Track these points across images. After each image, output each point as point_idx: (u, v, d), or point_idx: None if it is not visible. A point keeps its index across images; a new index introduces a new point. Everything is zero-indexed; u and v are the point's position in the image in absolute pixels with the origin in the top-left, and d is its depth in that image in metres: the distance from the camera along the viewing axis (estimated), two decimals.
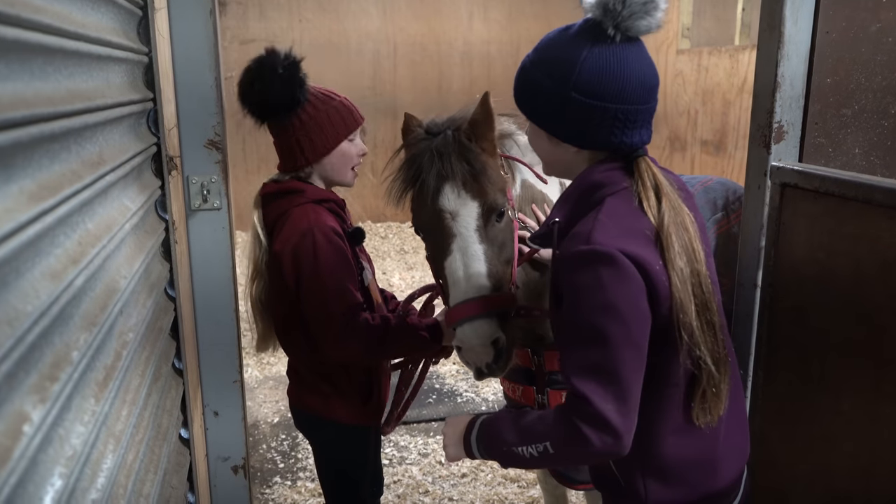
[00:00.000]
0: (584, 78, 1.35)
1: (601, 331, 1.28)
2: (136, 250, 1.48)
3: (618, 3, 1.33)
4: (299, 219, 1.89)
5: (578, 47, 1.36)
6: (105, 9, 1.36)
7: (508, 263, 1.78)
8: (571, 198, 1.46)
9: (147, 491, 1.35)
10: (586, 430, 1.28)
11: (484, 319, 1.65)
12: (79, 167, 1.07)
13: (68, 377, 0.91)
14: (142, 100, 1.60)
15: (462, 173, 1.71)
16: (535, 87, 1.42)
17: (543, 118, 1.44)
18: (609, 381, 1.28)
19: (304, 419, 2.18)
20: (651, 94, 1.42)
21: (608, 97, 1.36)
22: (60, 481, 0.85)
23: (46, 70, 0.97)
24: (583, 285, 1.31)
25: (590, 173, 1.43)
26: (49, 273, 0.90)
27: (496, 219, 1.74)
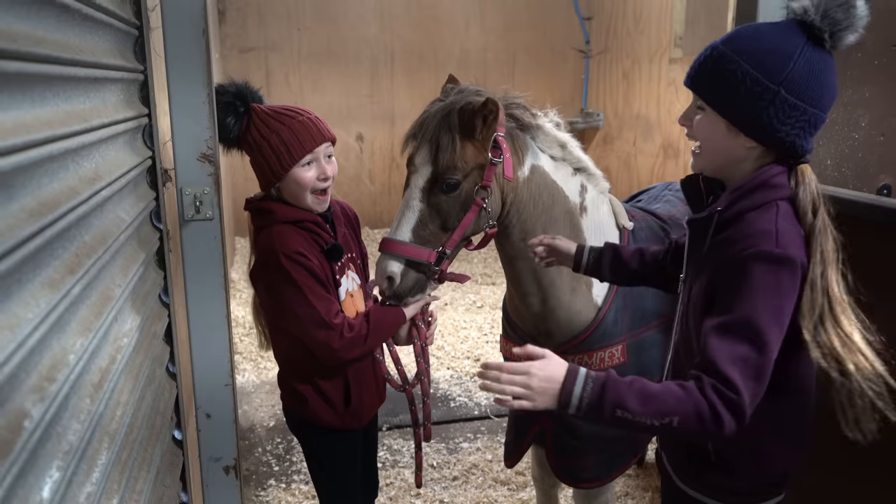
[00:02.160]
0: (796, 75, 1.37)
1: (765, 333, 1.33)
2: (131, 260, 1.56)
3: (840, 12, 1.36)
4: (263, 243, 1.96)
5: (793, 44, 1.38)
6: (102, 32, 1.44)
7: (445, 230, 2.04)
8: (742, 190, 1.46)
9: (140, 487, 1.43)
10: (724, 415, 1.30)
11: (389, 258, 2.01)
12: (76, 184, 1.15)
13: (65, 378, 0.99)
14: (137, 116, 1.68)
15: (432, 139, 2.01)
16: (733, 75, 1.40)
17: (734, 108, 1.43)
18: (755, 377, 1.33)
19: (294, 421, 2.24)
20: (833, 103, 1.46)
21: (810, 99, 1.38)
22: (58, 473, 0.93)
23: (45, 96, 1.05)
24: (761, 285, 1.34)
25: (766, 173, 1.44)
26: (48, 282, 0.98)
27: (443, 189, 2.00)
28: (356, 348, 1.98)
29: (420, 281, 2.06)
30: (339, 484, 2.26)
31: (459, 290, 6.34)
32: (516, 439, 2.41)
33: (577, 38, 8.12)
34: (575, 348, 2.20)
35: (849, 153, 2.37)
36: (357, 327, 1.99)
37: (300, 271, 1.93)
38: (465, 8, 7.96)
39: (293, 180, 1.97)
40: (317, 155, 1.99)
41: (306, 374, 2.09)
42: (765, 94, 1.38)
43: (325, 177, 2.01)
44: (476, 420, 4.21)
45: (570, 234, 2.16)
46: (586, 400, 1.35)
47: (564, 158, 2.20)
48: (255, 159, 2.00)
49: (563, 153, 2.19)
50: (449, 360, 4.97)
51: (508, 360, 2.39)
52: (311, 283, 1.94)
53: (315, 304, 1.92)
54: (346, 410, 2.14)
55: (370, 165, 7.85)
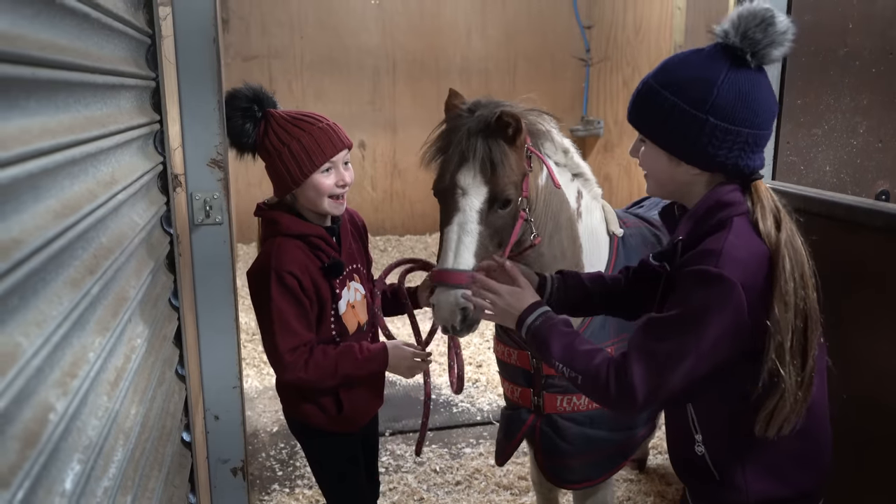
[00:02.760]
0: (722, 101, 1.38)
1: (682, 342, 1.37)
2: (143, 263, 1.59)
3: (758, 31, 1.37)
4: (263, 255, 1.99)
5: (715, 71, 1.39)
6: (118, 40, 1.48)
7: (500, 247, 1.96)
8: (696, 216, 1.48)
9: (152, 486, 1.46)
10: (613, 389, 1.41)
11: (457, 290, 1.83)
12: (95, 187, 1.19)
13: (85, 375, 1.02)
14: (149, 122, 1.72)
15: (482, 157, 1.89)
16: (663, 108, 1.43)
17: (669, 140, 1.46)
18: (656, 374, 1.39)
19: (294, 426, 2.28)
20: (773, 120, 1.47)
21: (742, 121, 1.39)
22: (79, 466, 0.96)
23: (68, 102, 1.09)
24: (693, 299, 1.37)
25: (716, 194, 1.45)
26: (70, 282, 1.01)
27: (500, 206, 1.92)
28: (307, 382, 2.03)
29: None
30: (343, 485, 2.28)
31: None
32: (506, 438, 2.43)
33: (577, 46, 8.18)
34: None
35: (847, 159, 2.40)
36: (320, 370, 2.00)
37: (283, 293, 1.95)
38: (467, 17, 8.02)
39: (312, 186, 1.99)
40: (336, 162, 2.01)
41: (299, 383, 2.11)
42: (694, 123, 1.40)
43: (343, 183, 2.03)
44: (478, 425, 4.23)
45: (569, 241, 2.19)
46: (532, 330, 1.57)
47: (566, 164, 2.23)
48: (272, 165, 2.01)
49: (565, 159, 2.22)
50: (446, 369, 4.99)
51: (502, 363, 2.43)
52: (287, 311, 1.96)
53: (277, 335, 1.95)
54: (339, 416, 2.16)
55: (372, 172, 7.89)
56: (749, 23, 1.38)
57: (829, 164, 2.39)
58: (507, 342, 2.36)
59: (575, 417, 2.26)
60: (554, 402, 2.26)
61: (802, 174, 2.35)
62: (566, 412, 2.26)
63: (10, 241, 0.78)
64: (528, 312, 1.60)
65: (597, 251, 2.27)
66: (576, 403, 2.26)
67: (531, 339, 1.58)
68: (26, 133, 0.86)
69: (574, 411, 2.26)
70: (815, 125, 2.33)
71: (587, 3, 8.14)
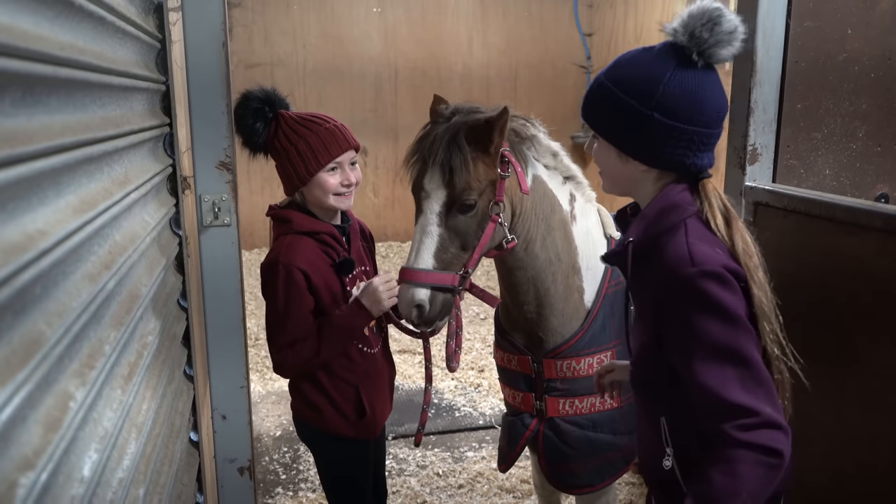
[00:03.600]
0: (667, 99, 1.39)
1: (735, 345, 1.30)
2: (155, 262, 1.62)
3: (705, 31, 1.37)
4: (275, 250, 2.02)
5: (662, 68, 1.40)
6: (130, 44, 1.51)
7: (465, 250, 2.02)
8: (647, 218, 1.48)
9: (163, 481, 1.48)
10: (770, 442, 1.26)
11: (415, 287, 1.96)
12: (110, 185, 1.22)
13: (102, 367, 1.05)
14: (159, 125, 1.75)
15: (441, 162, 1.97)
16: (612, 105, 1.45)
17: (618, 135, 1.47)
18: (756, 385, 1.29)
19: (305, 431, 2.27)
20: (722, 119, 1.47)
21: (687, 119, 1.40)
22: (96, 455, 0.98)
23: (85, 102, 1.12)
24: (702, 307, 1.32)
25: (665, 196, 1.46)
26: (87, 276, 1.03)
27: (458, 210, 1.98)
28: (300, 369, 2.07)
29: (447, 303, 2.06)
30: (353, 493, 2.29)
31: (463, 302, 6.38)
32: (509, 444, 2.43)
33: (578, 53, 8.23)
34: (563, 354, 2.22)
35: (847, 163, 2.43)
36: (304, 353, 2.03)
37: (290, 288, 1.98)
38: (468, 25, 8.08)
39: (317, 184, 2.05)
40: (341, 162, 2.08)
41: (322, 385, 2.14)
42: (640, 119, 1.41)
43: (347, 183, 2.10)
44: (481, 430, 4.24)
45: (564, 243, 2.20)
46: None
47: (556, 167, 2.24)
48: (281, 164, 2.06)
49: (554, 162, 2.23)
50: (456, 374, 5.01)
51: (503, 369, 2.43)
52: (291, 305, 1.99)
53: (276, 328, 2.00)
54: (360, 421, 2.19)
55: (374, 179, 7.93)
56: (695, 21, 1.39)
57: (829, 168, 2.42)
58: (507, 348, 2.37)
59: (578, 421, 2.27)
60: (556, 406, 2.27)
61: (802, 177, 2.37)
62: (569, 415, 2.27)
63: (36, 232, 0.81)
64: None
65: (594, 253, 2.28)
66: (578, 406, 2.27)
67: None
68: (49, 129, 0.89)
69: (577, 414, 2.26)
70: (814, 129, 2.36)
71: (588, 11, 8.20)
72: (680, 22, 1.41)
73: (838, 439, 1.86)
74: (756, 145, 2.27)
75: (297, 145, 2.02)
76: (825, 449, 1.90)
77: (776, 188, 2.10)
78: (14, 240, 0.75)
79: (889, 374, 1.69)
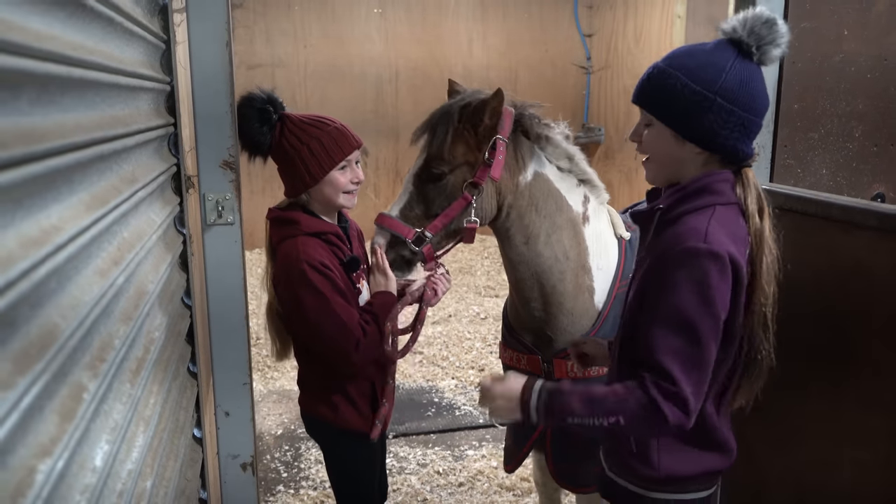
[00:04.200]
0: (729, 85, 1.50)
1: (697, 324, 1.43)
2: (160, 260, 1.64)
3: (764, 28, 1.51)
4: (286, 255, 2.03)
5: (724, 58, 1.52)
6: (136, 44, 1.54)
7: (428, 217, 2.17)
8: (684, 192, 1.58)
9: (168, 475, 1.50)
10: (665, 407, 1.42)
11: (378, 231, 2.19)
12: (119, 183, 1.24)
13: (112, 360, 1.07)
14: (164, 124, 1.77)
15: (432, 128, 2.16)
16: (674, 90, 1.54)
17: (678, 118, 1.56)
18: (693, 366, 1.43)
19: (316, 426, 2.30)
20: (766, 111, 1.59)
21: (744, 106, 1.52)
22: (107, 446, 1.01)
23: (95, 101, 1.14)
24: (689, 277, 1.45)
25: (708, 177, 1.56)
26: (98, 271, 1.06)
27: (430, 177, 2.15)
28: (372, 350, 2.05)
29: (401, 257, 2.20)
30: (360, 487, 2.32)
31: (463, 301, 6.42)
32: (515, 444, 2.46)
33: (578, 54, 8.27)
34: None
35: (843, 163, 2.45)
36: (371, 331, 2.05)
37: (324, 282, 1.99)
38: (468, 26, 8.11)
39: (330, 182, 2.08)
40: (350, 160, 2.13)
41: (341, 381, 2.16)
42: (703, 102, 1.51)
43: (357, 180, 2.16)
44: (481, 428, 4.27)
45: (572, 241, 2.23)
46: (542, 409, 1.54)
47: (571, 170, 2.28)
48: (290, 164, 2.08)
49: (570, 165, 2.27)
50: (454, 371, 5.04)
51: (508, 367, 2.46)
52: (334, 293, 2.01)
53: (340, 313, 1.99)
54: (373, 415, 2.22)
55: (374, 179, 7.97)
56: (756, 21, 1.52)
57: (826, 168, 2.44)
58: (516, 346, 2.39)
59: None
60: None
61: (800, 177, 2.40)
62: None
63: (51, 228, 0.83)
64: (527, 395, 1.57)
65: (605, 254, 2.31)
66: None
67: (546, 415, 1.54)
68: (62, 128, 0.92)
69: None
70: (811, 129, 2.39)
71: (588, 13, 8.24)
72: (739, 21, 1.54)
73: (834, 436, 1.88)
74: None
75: (310, 145, 2.05)
76: (821, 445, 1.93)
77: (772, 187, 2.12)
78: (31, 234, 0.78)
79: (884, 371, 1.71)
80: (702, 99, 1.51)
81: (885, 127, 2.45)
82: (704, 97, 1.51)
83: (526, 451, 2.47)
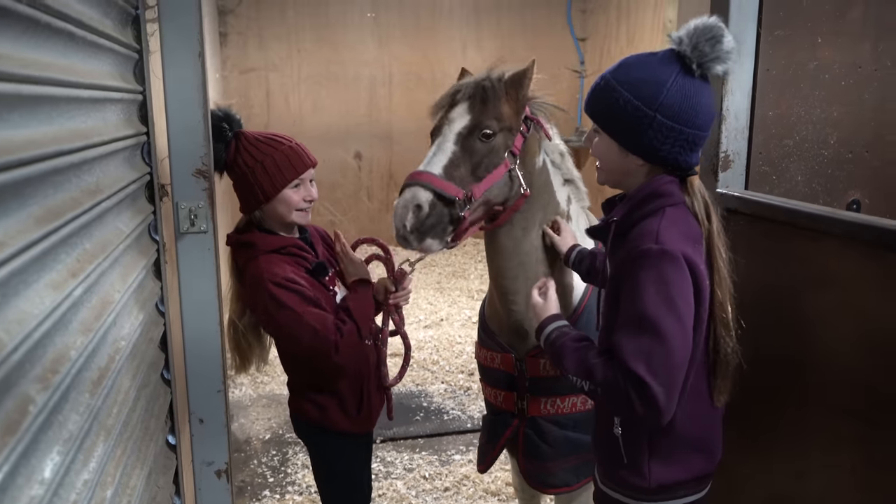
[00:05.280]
0: (669, 102, 1.53)
1: (659, 322, 1.46)
2: (130, 269, 1.66)
3: (707, 45, 1.53)
4: (253, 277, 2.06)
5: (666, 74, 1.55)
6: (103, 56, 1.55)
7: (475, 177, 2.03)
8: (633, 201, 1.63)
9: (133, 483, 1.51)
10: (636, 403, 1.46)
11: (418, 187, 1.95)
12: (79, 195, 1.26)
13: (67, 371, 1.09)
14: (136, 134, 1.79)
15: (472, 93, 2.07)
16: (617, 104, 1.57)
17: (621, 132, 1.61)
18: (660, 364, 1.46)
19: (304, 428, 2.33)
20: (711, 124, 1.63)
21: (686, 122, 1.55)
22: (59, 457, 1.02)
23: (51, 115, 1.16)
24: (648, 279, 1.48)
25: (653, 184, 1.61)
26: (52, 284, 1.07)
27: (481, 136, 2.03)
28: (353, 349, 2.08)
29: (443, 221, 1.98)
30: (347, 489, 2.35)
31: (455, 305, 6.43)
32: (489, 442, 2.47)
33: (571, 58, 8.28)
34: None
35: (819, 169, 2.46)
36: (347, 330, 2.07)
37: (291, 296, 2.02)
38: (462, 30, 8.13)
39: (282, 200, 2.11)
40: (304, 179, 2.14)
41: (328, 382, 2.19)
42: (644, 119, 1.55)
43: (309, 199, 2.17)
44: (469, 433, 4.28)
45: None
46: (549, 341, 1.71)
47: (560, 167, 2.30)
48: (244, 181, 2.11)
49: (560, 160, 2.30)
50: (444, 375, 5.04)
51: (485, 368, 2.47)
52: (303, 304, 2.03)
53: (312, 322, 2.01)
54: (359, 415, 2.26)
55: (368, 183, 7.98)
56: (701, 36, 1.53)
57: (801, 175, 2.46)
58: (491, 346, 2.40)
59: (559, 420, 2.31)
60: (538, 406, 2.30)
61: (775, 183, 2.41)
62: (550, 415, 2.31)
63: None
64: (546, 322, 1.76)
65: None
66: (560, 406, 2.31)
67: (549, 349, 1.72)
68: (9, 144, 0.93)
69: (558, 414, 2.30)
70: (786, 136, 2.40)
71: (581, 16, 8.26)
72: (686, 33, 1.56)
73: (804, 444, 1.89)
74: (728, 152, 2.31)
75: (264, 162, 2.08)
76: (789, 449, 1.94)
77: (745, 195, 2.13)
78: None
79: (848, 378, 1.72)
80: (642, 115, 1.54)
81: (859, 134, 2.46)
82: (644, 114, 1.54)
83: (498, 451, 2.48)
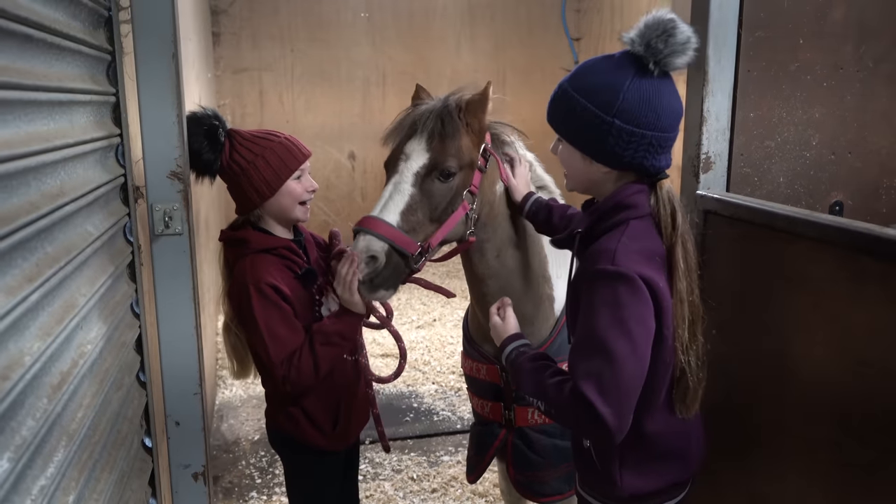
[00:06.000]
0: (627, 106, 1.48)
1: (610, 345, 1.41)
2: (100, 271, 1.65)
3: (660, 41, 1.47)
4: (239, 275, 2.03)
5: (622, 78, 1.49)
6: (70, 58, 1.54)
7: (432, 221, 1.95)
8: (598, 212, 1.59)
9: (101, 488, 1.50)
10: (586, 424, 1.44)
11: (373, 236, 1.86)
12: (38, 199, 1.25)
13: (20, 377, 1.08)
14: (108, 136, 1.78)
15: (431, 128, 1.96)
16: (576, 112, 1.53)
17: (582, 140, 1.56)
18: (611, 388, 1.40)
19: (278, 440, 2.28)
20: (678, 123, 1.57)
21: (646, 125, 1.49)
22: (8, 464, 1.01)
23: (7, 118, 1.15)
24: (601, 301, 1.44)
25: (619, 195, 1.56)
26: (5, 289, 1.06)
27: (438, 176, 1.94)
28: (304, 383, 2.01)
29: (398, 273, 1.92)
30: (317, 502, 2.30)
31: (448, 306, 6.41)
32: (477, 453, 2.45)
33: (566, 57, 8.27)
34: None
35: (801, 171, 2.45)
36: (302, 366, 1.98)
37: (266, 307, 1.97)
38: (456, 30, 8.12)
39: (287, 192, 2.07)
40: (304, 169, 2.12)
41: (299, 396, 2.13)
42: (602, 126, 1.50)
43: (312, 188, 2.14)
44: (458, 434, 4.27)
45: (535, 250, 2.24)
46: (508, 363, 1.69)
47: (530, 177, 2.28)
48: (242, 180, 2.06)
49: (528, 172, 2.28)
50: (434, 375, 5.04)
51: (471, 379, 2.45)
52: (272, 320, 1.97)
53: (269, 347, 1.96)
54: (334, 433, 2.19)
55: (362, 183, 7.96)
56: (652, 33, 1.47)
57: (783, 176, 2.45)
58: (476, 357, 2.38)
59: (546, 429, 2.29)
60: (525, 415, 2.29)
61: (756, 185, 2.40)
62: (537, 424, 2.29)
63: None
64: (506, 342, 1.73)
65: (563, 262, 2.31)
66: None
67: (510, 368, 1.69)
68: None
69: (545, 423, 2.28)
70: (768, 137, 2.39)
71: (575, 16, 8.24)
72: (637, 32, 1.50)
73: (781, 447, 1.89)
74: (710, 154, 2.30)
75: (264, 155, 2.05)
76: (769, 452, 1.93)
77: (724, 197, 2.13)
78: None
79: (822, 381, 1.72)
80: (601, 122, 1.50)
81: (842, 135, 2.45)
82: (602, 121, 1.49)
83: (487, 461, 2.47)
